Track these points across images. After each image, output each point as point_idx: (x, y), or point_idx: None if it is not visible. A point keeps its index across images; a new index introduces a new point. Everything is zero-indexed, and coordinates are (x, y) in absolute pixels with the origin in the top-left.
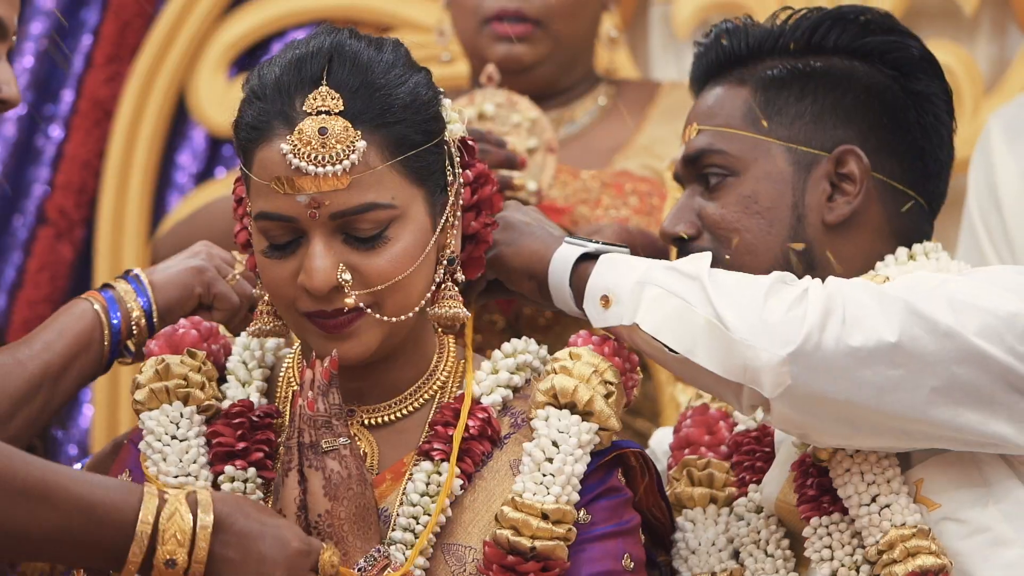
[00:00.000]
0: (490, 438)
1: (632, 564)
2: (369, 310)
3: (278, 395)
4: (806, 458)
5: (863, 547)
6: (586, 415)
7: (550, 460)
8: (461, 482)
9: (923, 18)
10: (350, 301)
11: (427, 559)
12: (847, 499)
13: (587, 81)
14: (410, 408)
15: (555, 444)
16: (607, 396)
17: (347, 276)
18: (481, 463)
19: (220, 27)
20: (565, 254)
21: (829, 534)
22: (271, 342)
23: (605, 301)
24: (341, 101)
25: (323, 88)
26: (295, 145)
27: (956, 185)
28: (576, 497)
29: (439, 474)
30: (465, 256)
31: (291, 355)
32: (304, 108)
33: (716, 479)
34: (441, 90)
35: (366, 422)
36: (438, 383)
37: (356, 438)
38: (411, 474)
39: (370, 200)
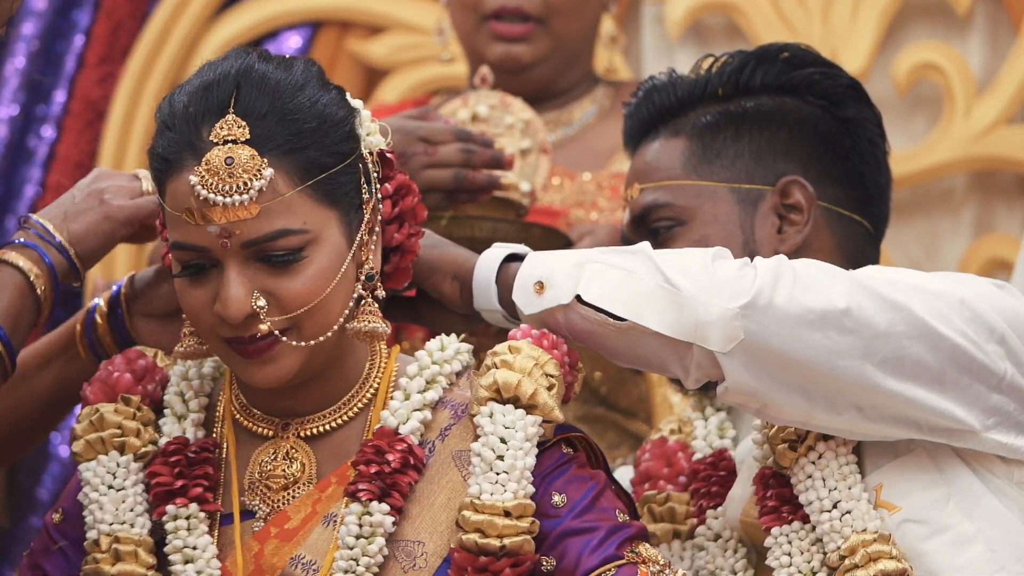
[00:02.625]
0: (414, 467)
1: (626, 516)
2: (285, 337)
3: (216, 425)
4: (766, 470)
5: (823, 554)
6: (530, 408)
7: (501, 458)
8: (393, 519)
9: (915, 17)
10: (264, 328)
11: (385, 545)
12: (808, 505)
13: (585, 82)
14: (345, 418)
15: (503, 440)
16: (549, 388)
17: (261, 303)
18: (410, 489)
19: (212, 28)
20: (493, 254)
21: (789, 542)
22: (208, 368)
23: (539, 287)
24: (247, 129)
25: (230, 116)
26: (202, 176)
27: (949, 184)
28: (531, 489)
29: (370, 514)
30: (391, 268)
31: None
32: (211, 138)
33: (677, 512)
34: (357, 105)
35: (301, 434)
36: (371, 390)
37: (294, 450)
38: (343, 517)
39: (281, 227)
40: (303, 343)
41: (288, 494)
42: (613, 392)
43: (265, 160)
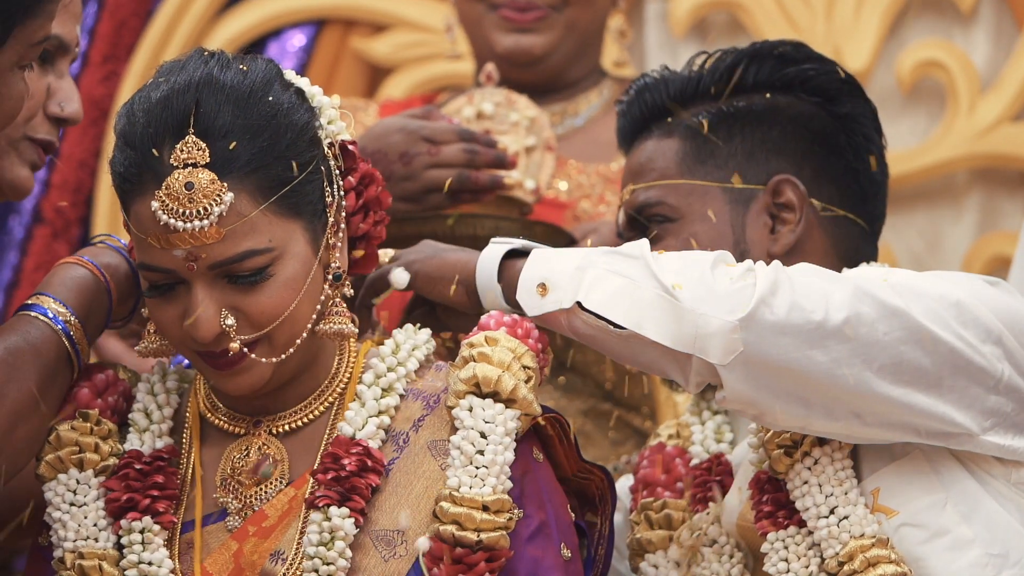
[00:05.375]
0: (373, 470)
1: (569, 553)
2: (254, 355)
3: (186, 432)
4: (762, 475)
5: (820, 558)
6: (509, 402)
7: (481, 452)
8: (353, 520)
9: (919, 14)
10: (235, 346)
11: (347, 547)
12: (805, 511)
13: (592, 76)
14: (314, 414)
15: (483, 435)
16: (527, 381)
17: (230, 321)
18: (374, 492)
19: (216, 26)
20: (492, 252)
21: (786, 547)
22: (172, 381)
23: (542, 289)
24: (207, 152)
25: (190, 138)
26: (163, 201)
27: (952, 180)
28: (509, 484)
29: (329, 519)
30: (357, 256)
31: (195, 382)
32: (171, 161)
33: (674, 519)
34: (316, 92)
35: (273, 431)
36: (341, 385)
37: (266, 446)
38: (303, 526)
39: (246, 248)
40: (273, 360)
41: (261, 490)
42: (619, 387)
43: (225, 184)
